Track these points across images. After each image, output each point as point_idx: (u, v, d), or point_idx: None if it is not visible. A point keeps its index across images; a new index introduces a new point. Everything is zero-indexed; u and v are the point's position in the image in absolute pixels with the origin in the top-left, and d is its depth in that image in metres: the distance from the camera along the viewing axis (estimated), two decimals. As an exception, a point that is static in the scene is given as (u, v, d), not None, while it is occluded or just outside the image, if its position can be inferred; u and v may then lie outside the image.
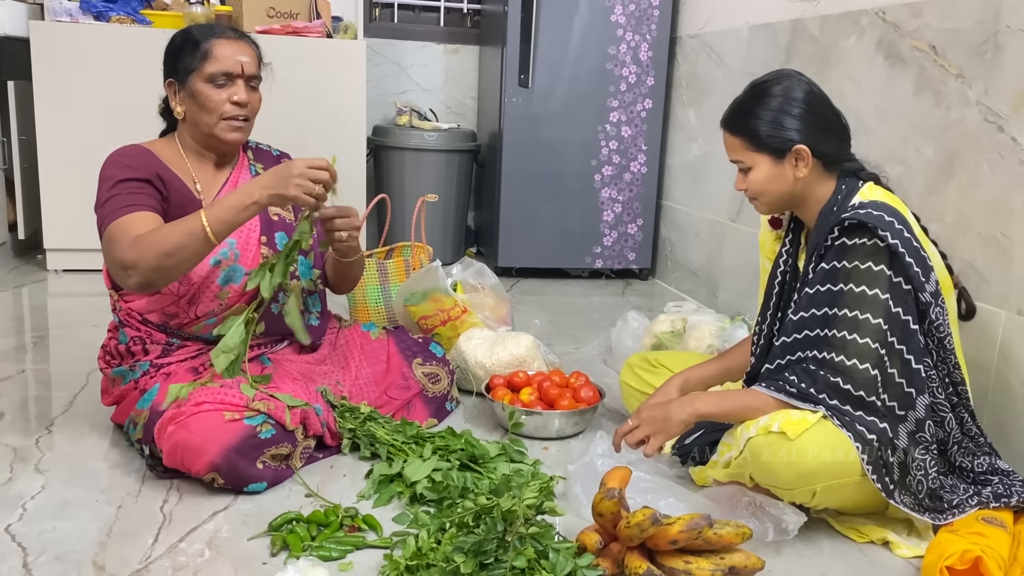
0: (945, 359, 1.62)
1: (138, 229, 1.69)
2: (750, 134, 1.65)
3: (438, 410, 2.13)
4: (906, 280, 1.57)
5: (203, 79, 1.83)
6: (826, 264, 1.62)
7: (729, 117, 1.70)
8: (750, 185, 1.69)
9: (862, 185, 1.68)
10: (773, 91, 1.65)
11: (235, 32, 1.91)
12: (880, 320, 1.56)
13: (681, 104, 3.67)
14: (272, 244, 1.94)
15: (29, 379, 2.33)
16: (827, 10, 2.63)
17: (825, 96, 1.68)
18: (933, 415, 1.62)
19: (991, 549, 1.46)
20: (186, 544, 1.52)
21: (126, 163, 1.81)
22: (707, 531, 1.42)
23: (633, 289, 3.80)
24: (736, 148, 1.69)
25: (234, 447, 1.66)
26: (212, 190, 1.92)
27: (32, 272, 3.46)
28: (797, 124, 1.63)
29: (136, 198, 1.75)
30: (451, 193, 3.95)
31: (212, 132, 1.87)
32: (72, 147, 3.31)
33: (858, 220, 1.58)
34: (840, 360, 1.56)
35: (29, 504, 1.63)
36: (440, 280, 2.46)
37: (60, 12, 3.31)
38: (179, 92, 1.87)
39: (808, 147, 1.63)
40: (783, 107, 1.63)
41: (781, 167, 1.66)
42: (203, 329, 1.87)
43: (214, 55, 1.83)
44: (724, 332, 2.45)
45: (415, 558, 1.41)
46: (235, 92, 1.85)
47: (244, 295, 1.89)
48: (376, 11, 4.32)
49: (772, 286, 1.82)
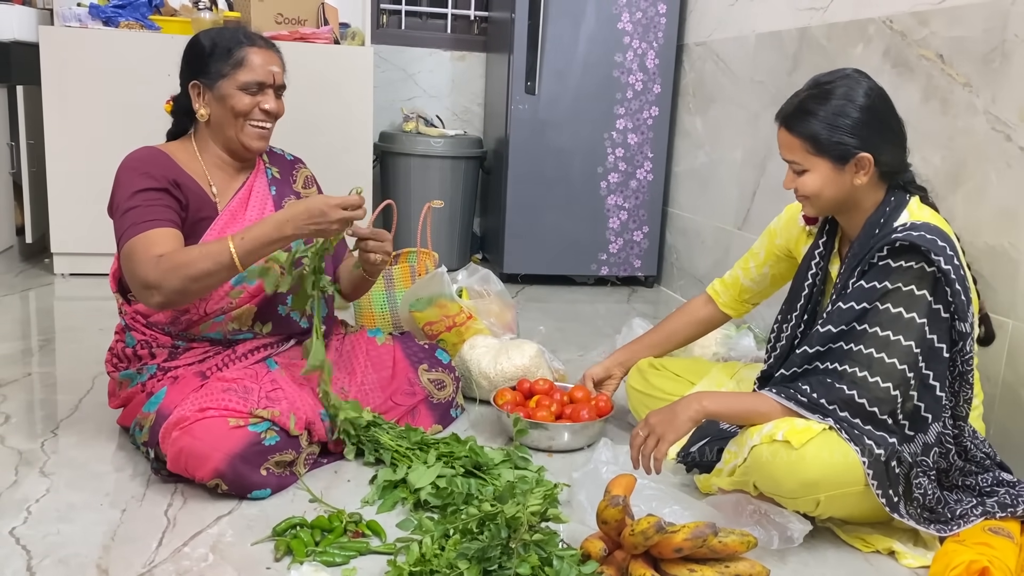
0: (959, 391, 1.60)
1: (160, 247, 1.69)
2: (812, 137, 1.58)
3: (443, 416, 2.13)
4: (946, 308, 1.55)
5: (235, 86, 1.84)
6: (866, 283, 1.58)
7: (790, 114, 1.61)
8: (803, 187, 1.63)
9: (909, 199, 1.64)
10: (844, 93, 1.57)
11: (264, 40, 1.91)
12: (912, 343, 1.54)
13: (688, 112, 3.67)
14: (287, 247, 1.93)
15: (35, 382, 2.34)
16: (834, 18, 2.63)
17: (891, 101, 1.62)
18: (940, 445, 1.59)
19: (998, 560, 1.45)
20: (190, 548, 1.51)
21: (145, 170, 1.80)
22: (712, 539, 1.42)
23: (639, 296, 3.80)
24: (794, 148, 1.62)
25: (238, 454, 1.65)
26: (227, 193, 1.93)
27: (39, 276, 3.47)
28: (865, 131, 1.57)
29: (156, 211, 1.75)
30: (457, 199, 3.95)
31: (238, 138, 1.88)
32: (80, 152, 3.32)
33: (910, 242, 1.54)
34: (863, 376, 1.54)
35: (34, 507, 1.63)
36: (446, 286, 2.46)
37: (69, 17, 3.33)
38: (205, 95, 1.87)
39: (872, 156, 1.58)
40: (852, 112, 1.56)
41: (840, 173, 1.60)
42: (210, 328, 1.87)
43: (248, 63, 1.84)
44: (730, 340, 2.45)
45: (419, 564, 1.41)
46: (265, 101, 1.87)
47: (255, 296, 1.89)
48: (384, 18, 4.33)
49: (801, 287, 1.79)
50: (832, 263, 1.77)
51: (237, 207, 1.92)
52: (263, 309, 1.92)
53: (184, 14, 3.54)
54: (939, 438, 1.59)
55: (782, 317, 1.84)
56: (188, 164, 1.89)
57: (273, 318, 1.94)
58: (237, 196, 1.93)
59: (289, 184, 2.05)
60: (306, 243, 1.82)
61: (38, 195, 3.50)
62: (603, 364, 2.19)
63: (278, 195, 1.99)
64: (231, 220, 1.89)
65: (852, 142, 1.57)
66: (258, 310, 1.91)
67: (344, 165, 3.51)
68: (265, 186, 1.98)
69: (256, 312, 1.90)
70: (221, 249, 1.67)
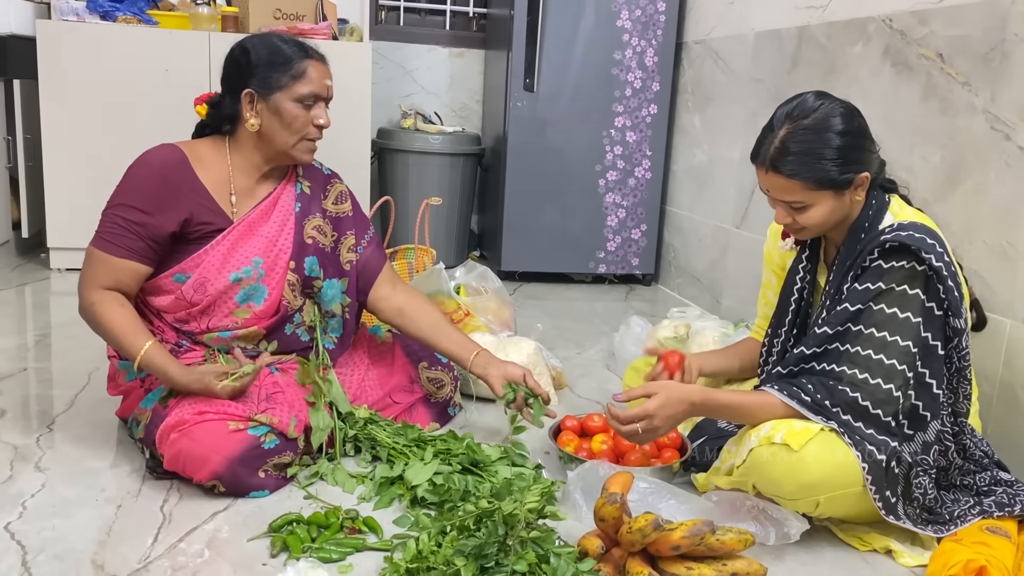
0: (957, 388, 1.61)
1: (107, 278, 1.75)
2: (814, 177, 1.56)
3: (440, 415, 2.12)
4: (939, 306, 1.55)
5: (293, 98, 1.81)
6: (859, 285, 1.59)
7: (777, 158, 1.57)
8: (806, 221, 1.61)
9: (889, 200, 1.65)
10: (825, 123, 1.55)
11: (318, 52, 1.88)
12: (909, 343, 1.54)
13: (686, 110, 3.67)
14: (300, 269, 1.90)
15: (31, 377, 2.33)
16: (834, 17, 2.63)
17: (858, 110, 1.62)
18: (939, 443, 1.60)
19: (995, 559, 1.45)
20: (186, 544, 1.51)
21: (146, 189, 1.75)
22: (709, 537, 1.42)
23: (636, 295, 3.79)
24: (793, 190, 1.58)
25: (237, 457, 1.64)
26: (248, 202, 1.87)
27: (35, 271, 3.47)
28: (856, 153, 1.58)
29: (129, 239, 1.74)
30: (455, 196, 3.95)
31: (288, 151, 1.85)
32: (77, 146, 3.31)
33: (900, 243, 1.55)
34: (863, 379, 1.54)
35: (29, 502, 1.63)
36: (443, 283, 2.46)
37: (67, 11, 3.32)
38: (257, 104, 1.81)
39: (869, 173, 1.60)
40: (842, 140, 1.55)
41: (842, 198, 1.60)
42: (214, 340, 1.85)
43: (308, 76, 1.82)
44: (728, 339, 2.45)
45: (415, 561, 1.41)
46: (319, 115, 1.85)
47: (263, 318, 1.87)
48: (382, 14, 4.32)
49: (788, 302, 1.79)
50: (820, 273, 1.77)
51: (256, 219, 1.86)
52: (271, 331, 1.90)
53: (182, 9, 3.53)
54: (939, 436, 1.59)
55: (772, 331, 1.84)
56: (213, 167, 1.83)
57: (279, 337, 1.92)
58: (259, 208, 1.87)
59: (319, 200, 1.98)
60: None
61: (35, 190, 3.49)
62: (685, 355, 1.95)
63: (302, 212, 1.93)
64: (247, 232, 1.84)
65: (852, 168, 1.57)
66: (267, 332, 1.89)
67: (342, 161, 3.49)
68: (292, 201, 1.92)
69: (264, 334, 1.89)
70: (133, 344, 1.71)
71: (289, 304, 1.89)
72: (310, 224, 1.94)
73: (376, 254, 2.06)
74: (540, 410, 1.90)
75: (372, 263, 2.05)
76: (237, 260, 1.83)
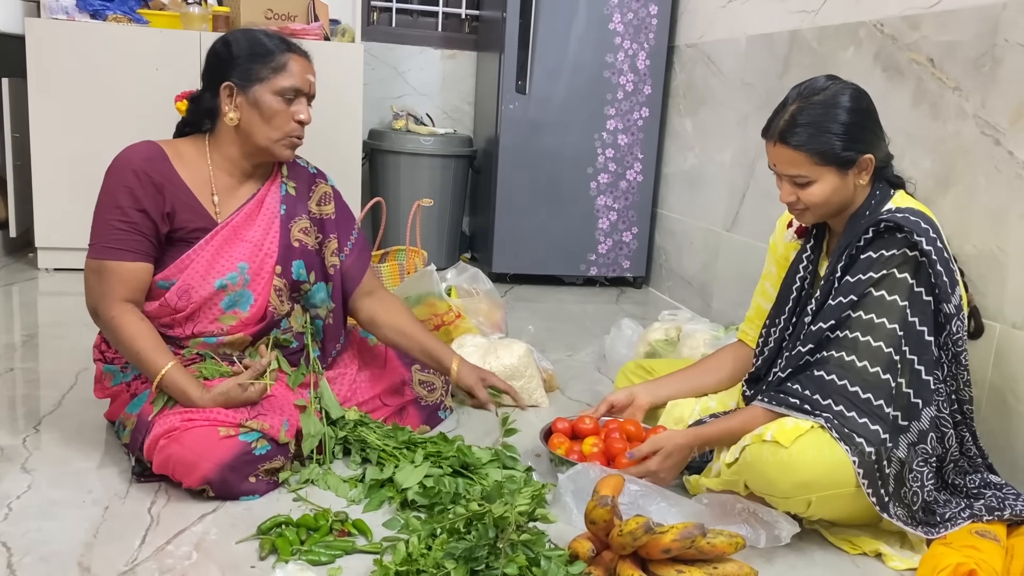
0: (956, 375, 1.62)
1: (125, 289, 1.72)
2: (819, 149, 1.59)
3: (430, 417, 2.11)
4: (928, 290, 1.57)
5: (273, 91, 1.78)
6: (851, 277, 1.61)
7: (786, 130, 1.61)
8: (809, 199, 1.64)
9: (894, 193, 1.68)
10: (834, 100, 1.60)
11: (300, 48, 1.86)
12: (896, 326, 1.56)
13: (678, 113, 3.68)
14: (287, 274, 1.88)
15: (18, 378, 2.31)
16: (825, 21, 2.64)
17: (870, 97, 1.66)
18: (936, 429, 1.61)
19: (985, 563, 1.46)
20: (173, 546, 1.50)
21: (130, 184, 1.72)
22: (700, 540, 1.42)
23: (627, 297, 3.80)
24: (799, 163, 1.61)
25: (228, 464, 1.63)
26: (231, 203, 1.85)
27: (23, 270, 3.44)
28: (863, 133, 1.61)
29: (131, 240, 1.71)
30: (446, 198, 3.94)
31: (268, 146, 1.82)
32: (66, 146, 3.29)
33: (894, 223, 1.57)
34: (851, 360, 1.56)
35: (15, 504, 1.61)
36: (435, 285, 2.46)
37: (56, 10, 3.30)
38: (236, 96, 1.79)
39: (873, 156, 1.62)
40: (849, 117, 1.60)
41: (845, 178, 1.63)
42: (199, 346, 1.83)
43: (289, 69, 1.80)
44: (718, 341, 2.45)
45: (405, 564, 1.40)
46: (300, 111, 1.82)
47: (249, 324, 1.85)
48: (374, 15, 4.32)
49: (789, 291, 1.80)
50: (821, 265, 1.78)
51: (241, 223, 1.84)
52: (258, 337, 1.89)
53: (173, 8, 3.51)
54: (934, 422, 1.60)
55: (770, 321, 1.84)
56: (192, 166, 1.81)
57: (267, 343, 1.91)
58: (243, 210, 1.84)
59: (304, 201, 1.96)
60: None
61: (23, 189, 3.46)
62: (628, 390, 1.99)
63: (287, 215, 1.90)
64: (232, 236, 1.82)
65: (856, 147, 1.61)
66: (253, 339, 1.88)
67: (333, 162, 3.48)
68: (277, 203, 1.89)
69: (250, 340, 1.88)
70: (154, 364, 1.69)
71: (276, 310, 1.88)
72: (296, 227, 1.92)
73: (359, 261, 2.04)
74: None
75: (352, 271, 2.03)
76: (222, 266, 1.80)
